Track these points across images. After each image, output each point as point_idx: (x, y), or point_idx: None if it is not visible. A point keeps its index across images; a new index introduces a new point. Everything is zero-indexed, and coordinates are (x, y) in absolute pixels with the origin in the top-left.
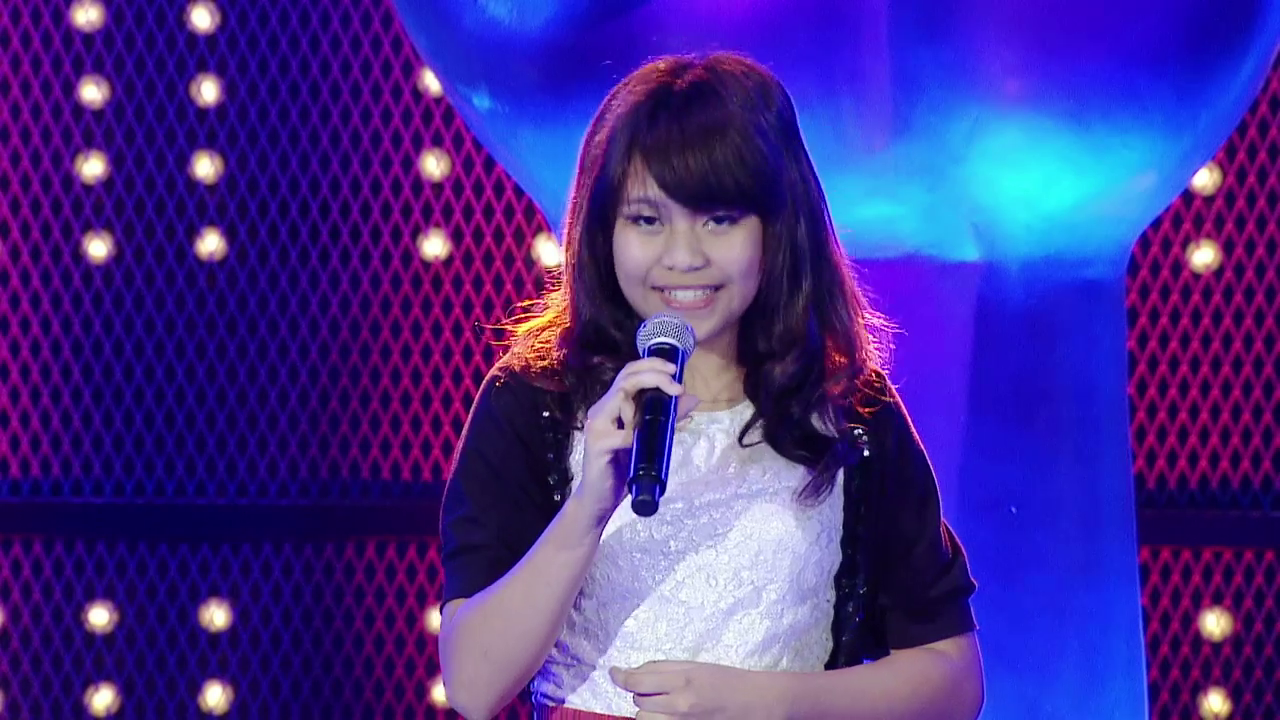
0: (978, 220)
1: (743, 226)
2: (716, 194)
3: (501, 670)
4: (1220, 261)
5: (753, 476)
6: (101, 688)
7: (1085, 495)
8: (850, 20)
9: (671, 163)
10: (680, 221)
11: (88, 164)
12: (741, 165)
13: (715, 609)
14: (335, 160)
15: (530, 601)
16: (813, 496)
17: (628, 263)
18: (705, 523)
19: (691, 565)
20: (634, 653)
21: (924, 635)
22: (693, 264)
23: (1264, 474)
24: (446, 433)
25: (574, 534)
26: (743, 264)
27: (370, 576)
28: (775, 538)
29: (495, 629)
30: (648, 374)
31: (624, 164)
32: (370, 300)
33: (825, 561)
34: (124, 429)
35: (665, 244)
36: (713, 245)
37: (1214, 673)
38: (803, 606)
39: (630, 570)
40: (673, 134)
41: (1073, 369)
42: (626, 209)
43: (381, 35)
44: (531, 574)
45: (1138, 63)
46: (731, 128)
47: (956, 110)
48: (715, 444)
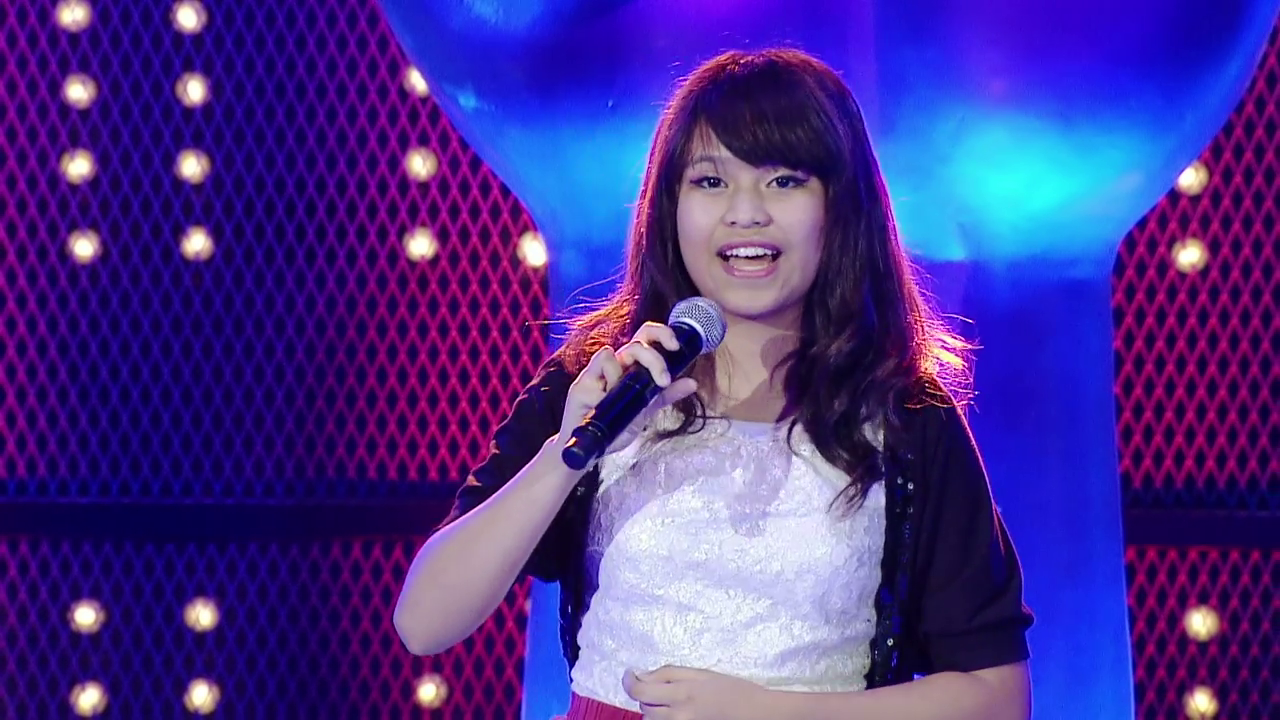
0: (964, 220)
1: (806, 190)
2: (779, 149)
3: (446, 599)
4: (1206, 261)
5: (784, 495)
6: (88, 687)
7: (1072, 495)
8: (836, 20)
9: (734, 116)
10: (744, 178)
11: (74, 163)
12: (805, 123)
13: (733, 620)
14: (321, 159)
15: (490, 532)
16: (844, 507)
17: (691, 226)
18: (730, 536)
19: (712, 577)
20: (652, 654)
21: (966, 661)
22: (754, 218)
23: (1249, 473)
24: (432, 432)
25: (541, 473)
26: (804, 227)
27: (356, 576)
28: (799, 559)
29: (452, 554)
30: (649, 354)
31: (688, 128)
32: (356, 300)
33: (857, 584)
34: (110, 428)
35: (728, 202)
36: (775, 205)
37: (1200, 672)
38: (828, 626)
39: (650, 576)
40: (737, 92)
41: (1059, 368)
42: (691, 171)
43: (367, 34)
44: (498, 506)
45: (1124, 62)
46: (797, 89)
47: (942, 110)
48: (750, 457)
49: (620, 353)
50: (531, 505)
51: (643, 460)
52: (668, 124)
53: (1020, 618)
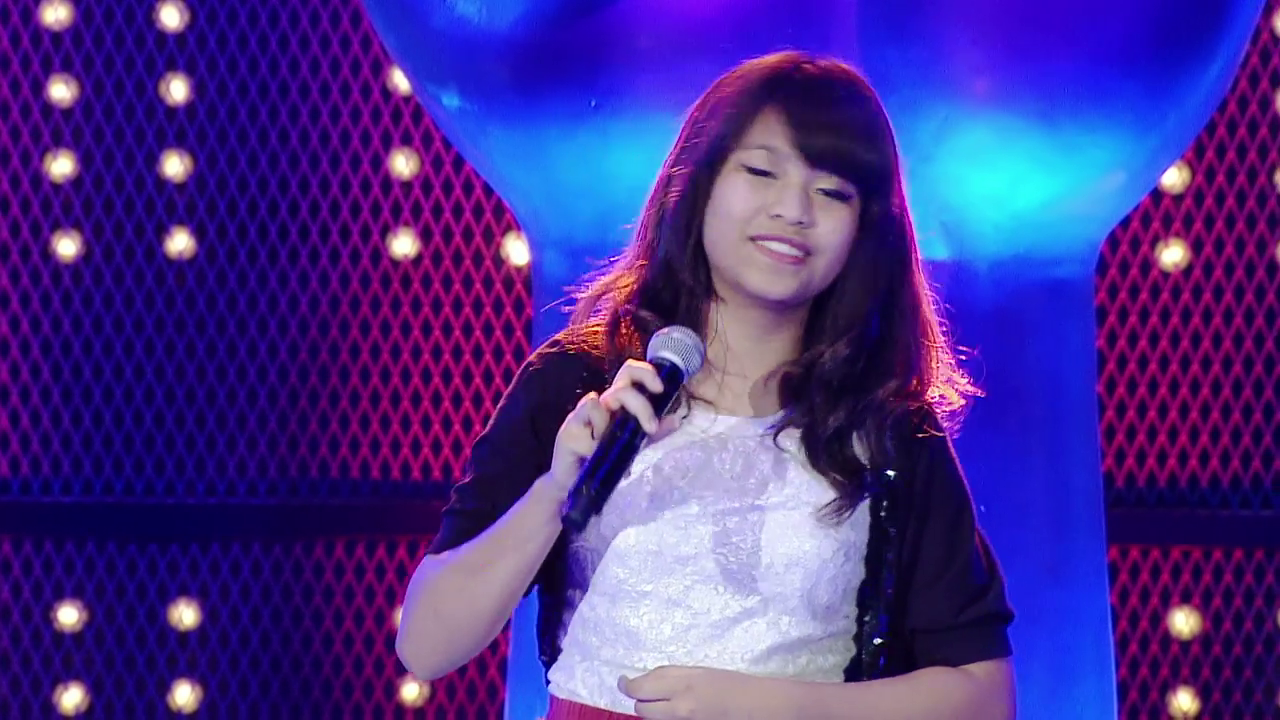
0: (947, 219)
1: (848, 205)
2: (848, 162)
3: (449, 632)
4: (1189, 260)
5: (772, 489)
6: (71, 687)
7: (1054, 494)
8: (820, 19)
9: (812, 117)
10: (796, 176)
11: (56, 163)
12: (871, 143)
13: (722, 615)
14: (304, 159)
15: (488, 568)
16: (833, 518)
17: (731, 207)
18: (718, 531)
19: (701, 572)
20: (638, 651)
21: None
22: (801, 219)
23: (1233, 473)
24: (415, 431)
25: (536, 515)
26: (838, 238)
27: (339, 576)
28: (787, 553)
29: (451, 589)
30: (635, 400)
31: (755, 111)
32: (340, 299)
33: (842, 579)
34: (93, 428)
35: (776, 195)
36: (819, 210)
37: (1183, 671)
38: (815, 621)
39: (639, 571)
40: (817, 94)
41: (1042, 368)
42: (744, 155)
43: (350, 34)
44: (494, 542)
45: (1107, 62)
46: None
47: (925, 109)
48: (740, 453)
49: (605, 399)
50: (526, 545)
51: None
52: (727, 100)
53: (1004, 614)
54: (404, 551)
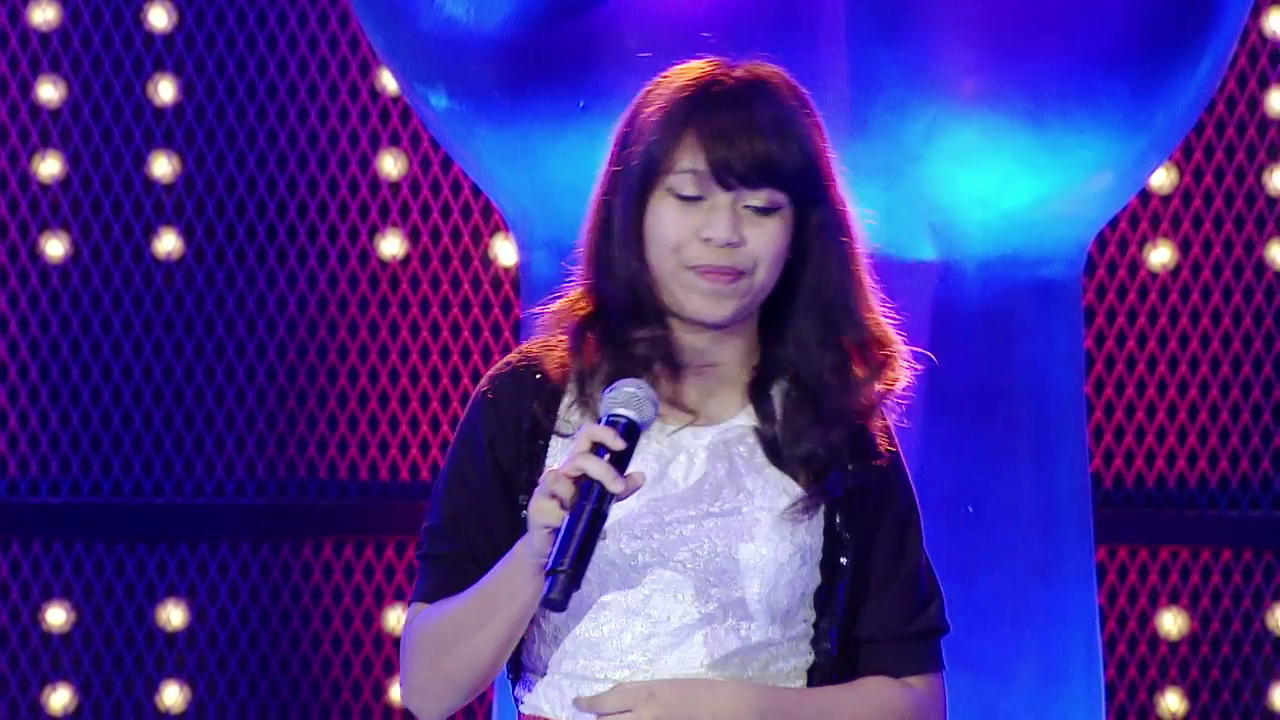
0: (935, 219)
1: (780, 215)
2: (770, 178)
3: (449, 684)
4: (1177, 261)
5: (726, 495)
6: (59, 687)
7: (1042, 494)
8: (808, 20)
9: (732, 140)
10: (721, 197)
11: (45, 163)
12: (793, 152)
13: (681, 623)
14: (292, 159)
15: (479, 626)
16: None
17: (664, 235)
18: (675, 539)
19: (659, 580)
20: (597, 661)
21: (895, 668)
22: (730, 239)
23: (1220, 473)
24: (404, 432)
25: (519, 576)
26: (771, 252)
27: (328, 576)
28: (744, 558)
29: (445, 645)
30: (596, 466)
31: (676, 136)
32: (328, 300)
33: (799, 582)
34: (81, 428)
35: (704, 218)
36: (750, 228)
37: (1171, 672)
38: (774, 625)
39: (598, 583)
40: (738, 115)
41: (1030, 368)
42: (670, 179)
43: (338, 34)
44: (481, 600)
45: (1095, 62)
46: (788, 112)
47: (914, 110)
48: (695, 460)
49: (565, 469)
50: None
51: None
52: (648, 124)
53: (942, 628)
54: (392, 552)
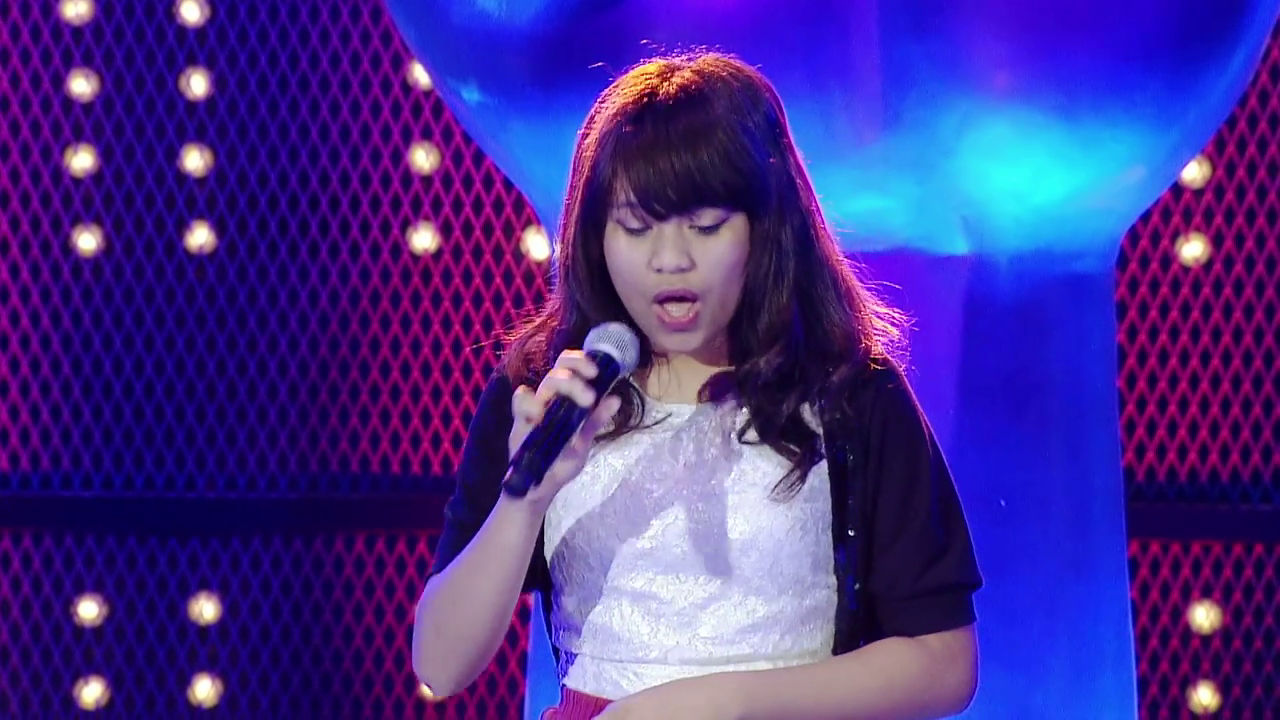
0: (967, 213)
1: (729, 228)
2: (702, 197)
3: (452, 647)
4: (1209, 255)
5: (720, 474)
6: (91, 681)
7: (1075, 488)
8: (840, 14)
9: (656, 168)
10: (667, 224)
11: (77, 157)
12: (727, 167)
13: (688, 603)
14: (324, 153)
15: (474, 580)
16: (785, 493)
17: (620, 267)
18: (671, 523)
19: (661, 562)
20: (614, 644)
21: (910, 626)
22: (679, 265)
23: (1253, 467)
24: (436, 426)
25: (504, 519)
26: (726, 267)
27: (359, 570)
28: (741, 535)
29: (446, 606)
30: (564, 381)
31: (611, 168)
32: (359, 293)
33: (806, 552)
34: (113, 422)
35: (653, 246)
36: (699, 248)
37: (1203, 666)
38: (784, 597)
39: (601, 569)
40: (658, 139)
41: (1062, 362)
42: (615, 213)
43: (371, 28)
44: (475, 556)
45: (1127, 56)
46: (716, 130)
47: (946, 104)
48: (687, 442)
49: (540, 391)
50: (504, 551)
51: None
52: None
53: (965, 582)
54: (423, 546)
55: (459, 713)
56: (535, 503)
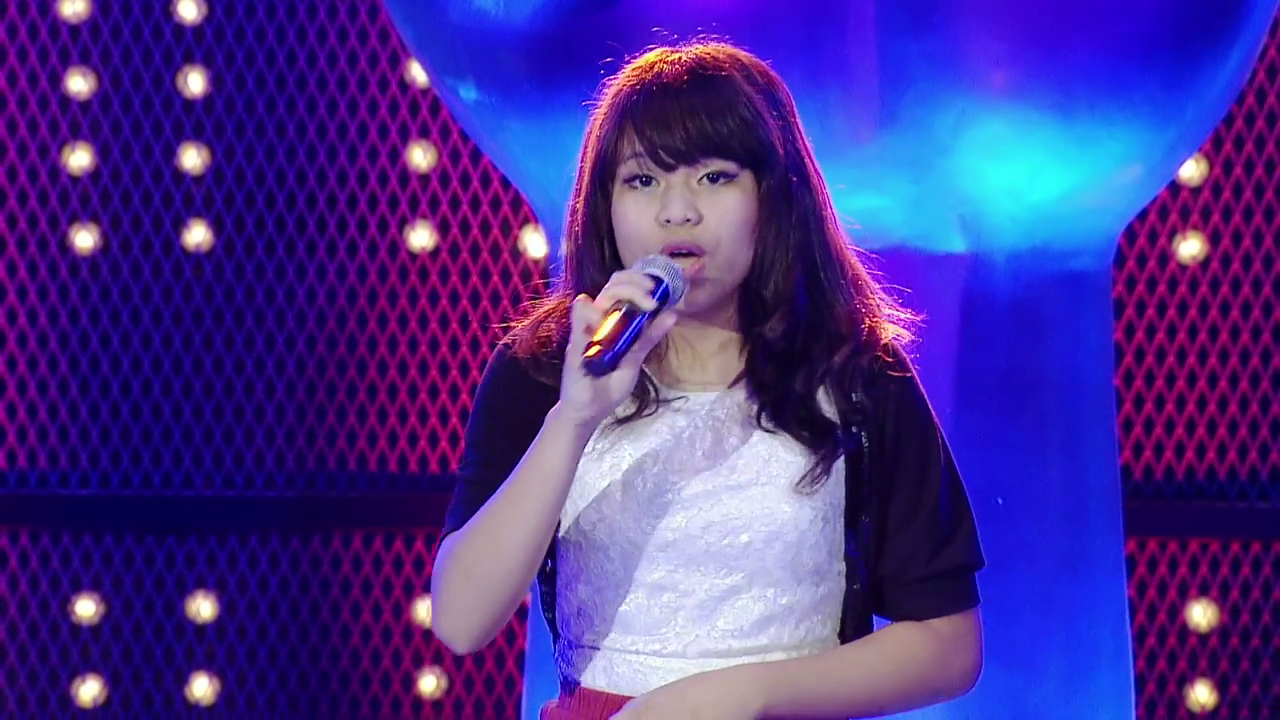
0: (964, 212)
1: (736, 185)
2: (709, 146)
3: (483, 591)
4: (1206, 253)
5: (743, 466)
6: (88, 679)
7: (1072, 487)
8: (837, 12)
9: (661, 114)
10: (675, 175)
11: (74, 155)
12: (733, 116)
13: (708, 595)
14: (322, 151)
15: (512, 514)
16: (809, 485)
17: (627, 227)
18: (694, 514)
19: (683, 555)
20: (629, 636)
21: (919, 610)
22: (686, 215)
23: (1250, 465)
24: (433, 424)
25: (550, 443)
26: (734, 223)
27: (357, 568)
28: (766, 527)
29: (478, 546)
30: (624, 287)
31: (617, 128)
32: (357, 292)
33: (825, 541)
34: (111, 420)
35: (660, 200)
36: (706, 202)
37: (1200, 664)
38: (801, 587)
39: (621, 560)
40: (664, 90)
41: (1059, 360)
42: (623, 170)
43: (368, 26)
44: (514, 487)
45: (1124, 54)
46: (723, 82)
47: (943, 102)
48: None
49: (598, 300)
50: (549, 477)
51: (602, 447)
52: (598, 123)
53: (970, 564)
54: (421, 544)
55: (456, 711)
56: (584, 424)
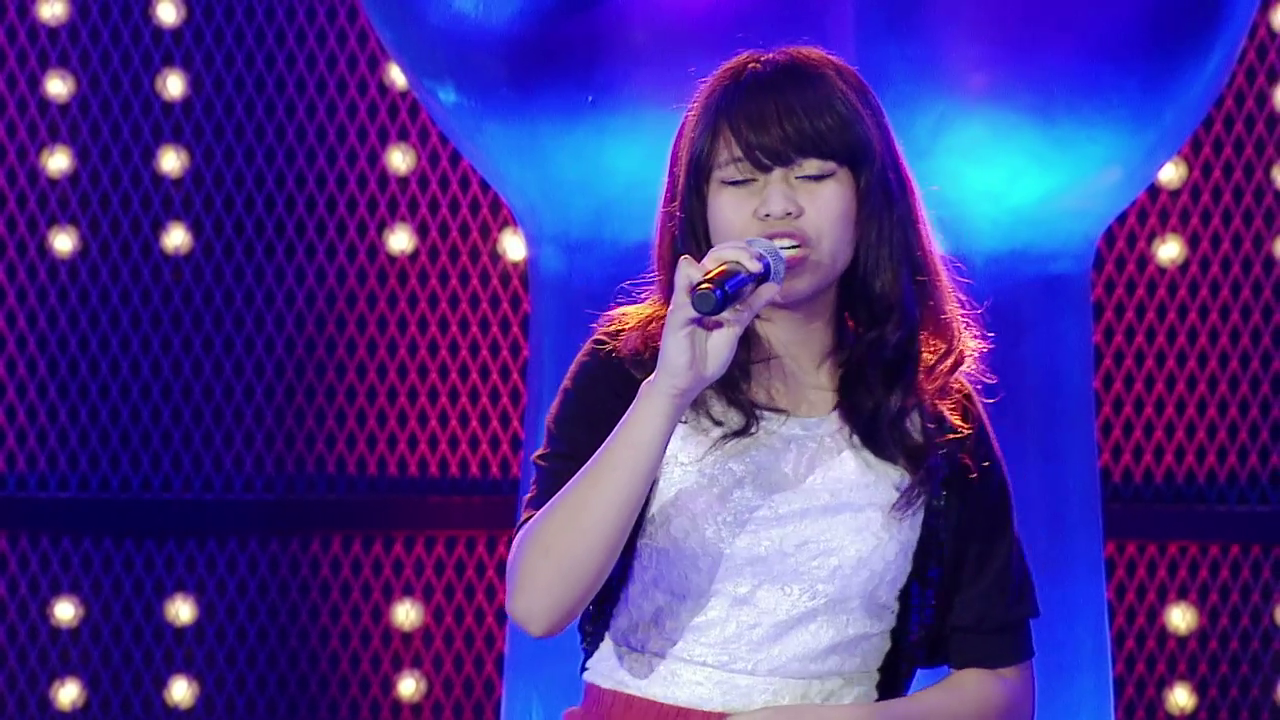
0: (943, 215)
1: (835, 180)
2: (806, 144)
3: (563, 569)
4: (1186, 256)
5: (840, 489)
6: (67, 682)
7: (1051, 490)
8: (815, 15)
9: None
10: (774, 172)
11: (53, 158)
12: (832, 113)
13: (787, 615)
14: (301, 154)
15: (599, 488)
16: (904, 509)
17: (724, 223)
18: (789, 532)
19: (769, 573)
20: (698, 646)
21: (991, 659)
22: (787, 209)
23: (1229, 468)
24: (413, 427)
25: (644, 414)
26: (835, 216)
27: (336, 571)
28: (856, 554)
29: (559, 523)
30: (729, 250)
31: (711, 131)
32: (336, 295)
33: (900, 578)
34: (90, 423)
35: (759, 198)
36: (806, 197)
37: (1179, 667)
38: (869, 620)
39: (709, 573)
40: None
41: (1038, 363)
42: (720, 174)
43: (347, 29)
44: (602, 460)
45: (1103, 57)
46: (819, 80)
47: (922, 105)
48: (804, 452)
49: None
50: (640, 448)
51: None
52: (690, 126)
53: (1034, 613)
54: (400, 547)
55: (436, 715)
56: (679, 394)
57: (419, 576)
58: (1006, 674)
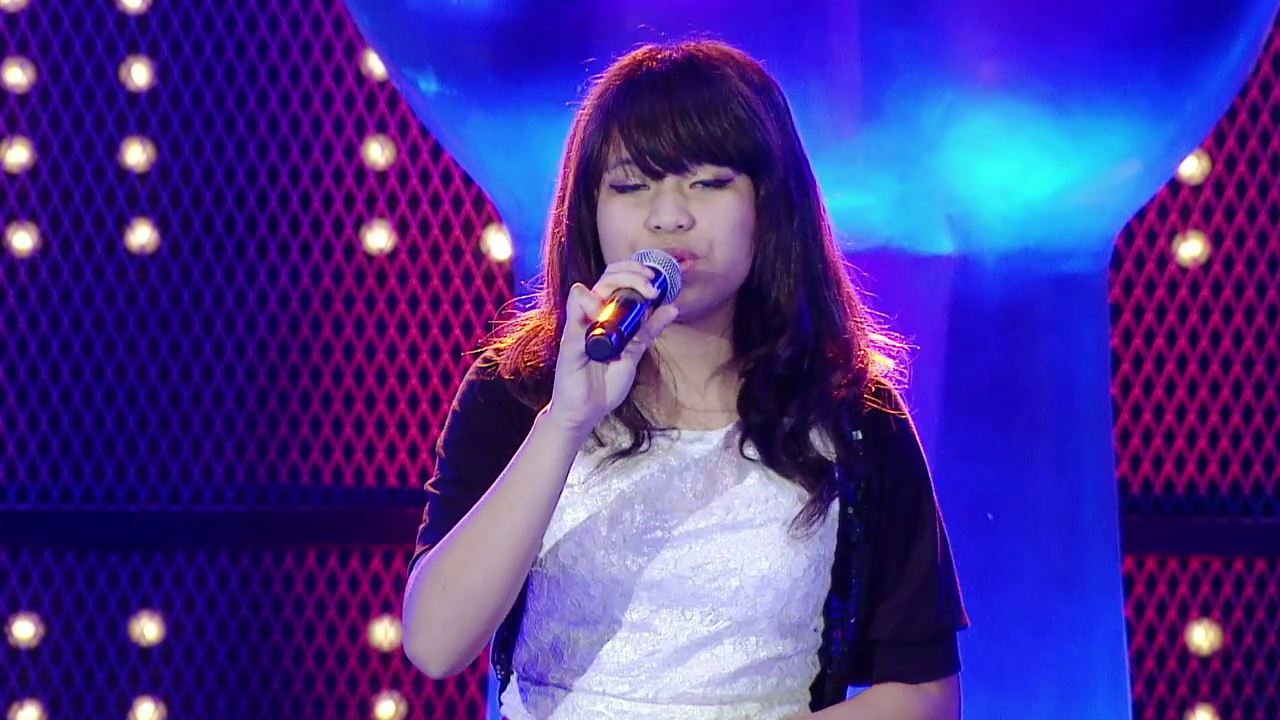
0: (952, 211)
1: (732, 190)
2: (701, 150)
3: (460, 609)
4: (1208, 254)
5: (739, 506)
6: (26, 705)
7: (1065, 501)
8: (818, 1)
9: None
10: (666, 179)
11: (11, 151)
12: (729, 117)
13: (689, 640)
14: (273, 147)
15: (497, 524)
16: (804, 526)
17: (613, 233)
18: (684, 554)
19: (667, 597)
20: (599, 675)
21: (912, 673)
22: (678, 221)
23: (1254, 479)
24: (391, 435)
25: (543, 449)
26: (730, 225)
27: (311, 587)
28: (758, 573)
29: (457, 560)
30: (623, 275)
31: (602, 132)
32: (311, 295)
33: (814, 594)
34: (50, 431)
35: (650, 207)
36: (699, 207)
37: (1202, 688)
38: (783, 641)
39: (602, 599)
40: (654, 88)
41: (1052, 368)
42: (610, 176)
43: (322, 15)
44: (500, 495)
45: (1121, 44)
46: (718, 82)
47: (930, 95)
48: (699, 469)
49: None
50: (539, 482)
51: (589, 480)
52: (582, 125)
53: (959, 625)
54: (379, 561)
55: None
56: (577, 427)
57: (398, 593)
58: (929, 689)
